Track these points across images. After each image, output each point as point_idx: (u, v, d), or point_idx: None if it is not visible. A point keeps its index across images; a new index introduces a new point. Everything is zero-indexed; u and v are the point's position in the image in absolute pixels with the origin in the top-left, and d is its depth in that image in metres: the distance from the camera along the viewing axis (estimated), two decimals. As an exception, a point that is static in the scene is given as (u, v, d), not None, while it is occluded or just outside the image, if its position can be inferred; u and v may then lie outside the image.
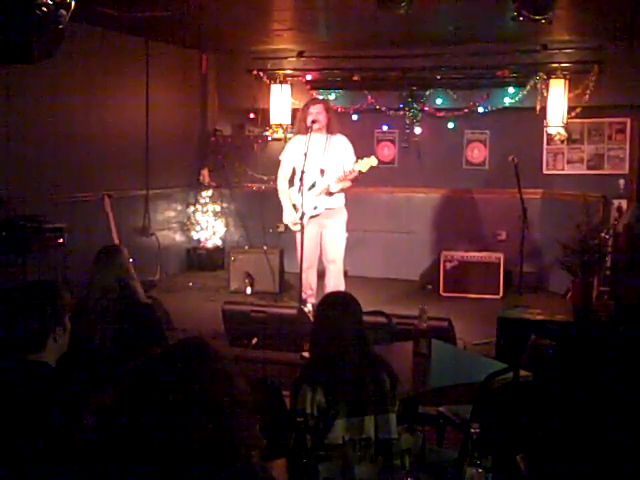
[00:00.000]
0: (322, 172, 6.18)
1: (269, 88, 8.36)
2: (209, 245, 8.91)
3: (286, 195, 6.34)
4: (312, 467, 2.60)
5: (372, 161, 6.07)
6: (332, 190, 6.12)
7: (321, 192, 6.15)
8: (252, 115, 8.93)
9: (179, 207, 8.84)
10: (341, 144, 6.24)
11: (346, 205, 6.37)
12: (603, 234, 6.44)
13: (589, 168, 7.93)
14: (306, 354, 5.03)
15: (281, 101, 8.31)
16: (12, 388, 2.37)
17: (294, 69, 8.47)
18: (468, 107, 8.01)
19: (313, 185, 6.16)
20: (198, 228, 8.85)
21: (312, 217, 6.16)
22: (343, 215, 6.34)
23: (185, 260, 8.96)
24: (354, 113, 8.40)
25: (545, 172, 8.15)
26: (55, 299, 2.61)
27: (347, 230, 6.38)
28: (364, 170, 6.08)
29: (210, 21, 6.94)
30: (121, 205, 7.39)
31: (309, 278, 6.30)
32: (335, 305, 3.02)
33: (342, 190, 6.21)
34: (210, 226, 8.87)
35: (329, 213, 6.24)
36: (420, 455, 2.90)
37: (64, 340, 2.63)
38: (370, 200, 8.48)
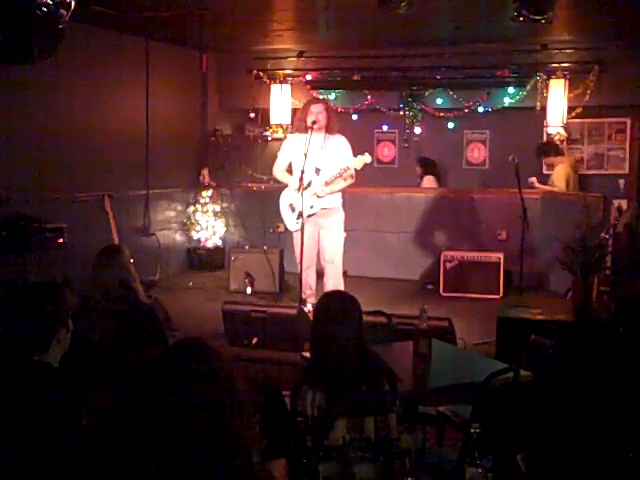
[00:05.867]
0: (317, 171, 6.17)
1: (269, 88, 8.37)
2: (209, 245, 8.91)
3: (283, 174, 6.31)
4: (312, 467, 2.60)
5: (366, 158, 6.03)
6: (320, 194, 6.08)
7: (316, 191, 6.14)
8: (252, 115, 8.94)
9: (179, 207, 8.84)
10: (339, 144, 6.22)
11: (345, 205, 6.35)
12: (603, 234, 6.43)
13: (589, 168, 7.94)
14: (306, 354, 5.03)
15: (281, 101, 8.31)
16: (16, 389, 2.37)
17: (294, 69, 8.48)
18: (468, 107, 8.02)
19: (309, 184, 6.15)
20: (198, 228, 8.85)
21: (309, 216, 6.14)
22: (340, 215, 6.31)
23: (185, 260, 8.96)
24: (354, 113, 8.41)
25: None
26: (59, 300, 2.62)
27: (346, 230, 6.36)
28: (358, 167, 6.05)
29: (210, 21, 6.94)
30: (121, 205, 7.39)
31: (308, 278, 6.29)
32: (334, 305, 3.01)
33: (332, 192, 6.16)
34: (210, 226, 8.87)
35: (326, 213, 6.22)
36: (420, 455, 2.90)
37: (66, 341, 2.63)
38: (370, 200, 8.48)
